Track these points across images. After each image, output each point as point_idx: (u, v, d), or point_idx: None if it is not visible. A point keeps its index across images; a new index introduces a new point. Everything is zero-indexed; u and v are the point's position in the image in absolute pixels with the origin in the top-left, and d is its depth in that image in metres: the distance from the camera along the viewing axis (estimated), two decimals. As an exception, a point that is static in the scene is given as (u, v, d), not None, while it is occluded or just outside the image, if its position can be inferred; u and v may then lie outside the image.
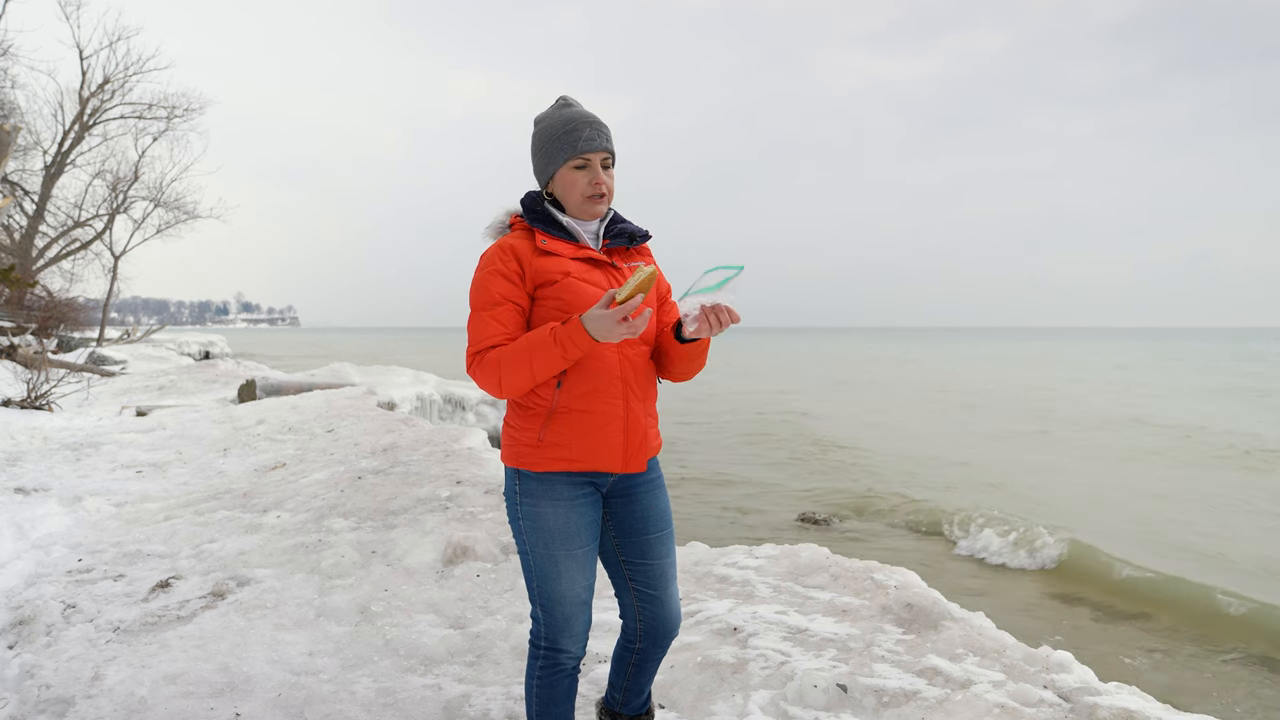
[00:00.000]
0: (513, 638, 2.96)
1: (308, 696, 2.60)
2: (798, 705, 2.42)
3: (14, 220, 23.24)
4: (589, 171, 1.86)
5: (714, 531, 8.18)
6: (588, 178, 1.86)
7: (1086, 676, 2.48)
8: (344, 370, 12.58)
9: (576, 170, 1.86)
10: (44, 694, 2.62)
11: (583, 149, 1.84)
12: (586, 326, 1.68)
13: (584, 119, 1.86)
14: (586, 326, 1.68)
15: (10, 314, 17.61)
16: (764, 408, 19.90)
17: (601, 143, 1.86)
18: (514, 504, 1.90)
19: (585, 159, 1.85)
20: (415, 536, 4.00)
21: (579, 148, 1.84)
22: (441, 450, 6.01)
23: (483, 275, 1.84)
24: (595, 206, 1.89)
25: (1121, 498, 9.93)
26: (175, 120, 25.42)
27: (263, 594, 3.45)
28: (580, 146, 1.84)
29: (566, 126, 1.86)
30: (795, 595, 3.20)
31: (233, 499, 5.15)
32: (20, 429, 7.76)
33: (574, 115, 1.88)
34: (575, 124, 1.86)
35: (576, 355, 1.72)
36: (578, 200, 1.88)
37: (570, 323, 1.70)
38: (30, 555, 4.10)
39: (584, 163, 1.85)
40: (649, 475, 1.98)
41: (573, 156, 1.85)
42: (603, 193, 1.88)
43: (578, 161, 1.85)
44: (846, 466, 11.93)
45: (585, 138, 1.84)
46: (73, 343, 23.44)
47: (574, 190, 1.87)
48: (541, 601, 1.90)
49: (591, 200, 1.88)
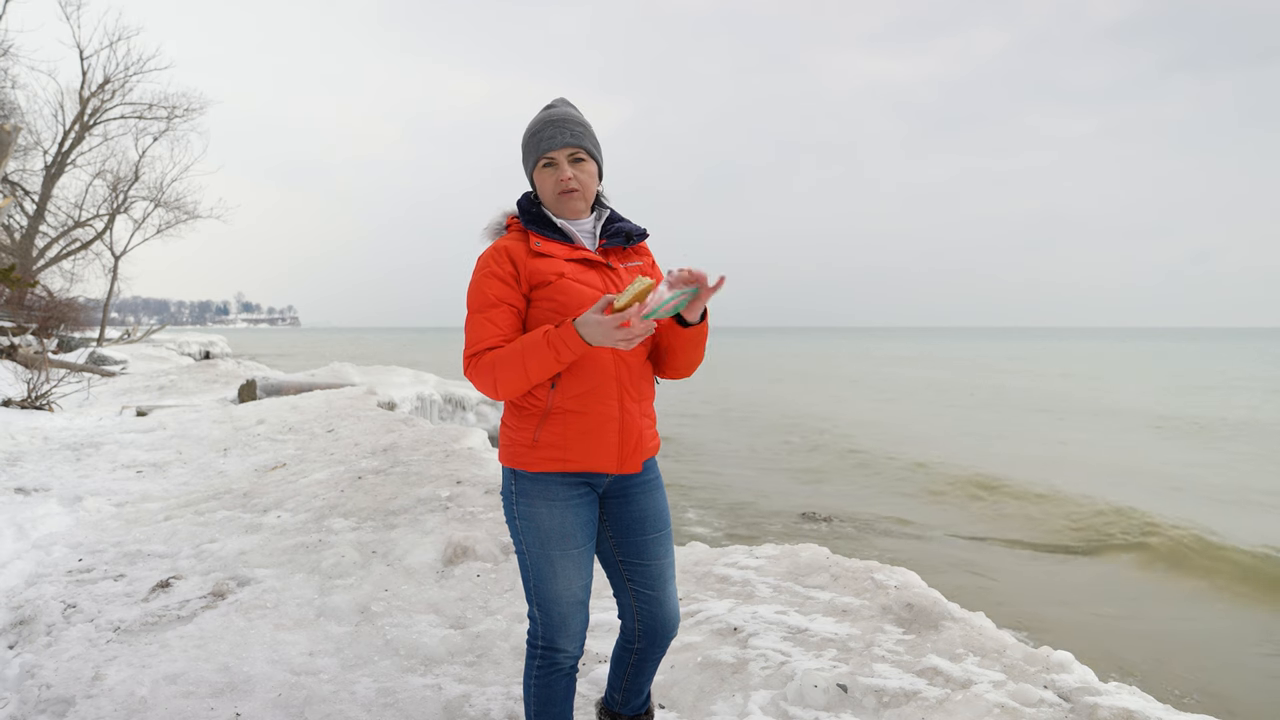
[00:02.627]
0: (513, 638, 2.96)
1: (308, 696, 2.60)
2: (798, 705, 2.42)
3: (14, 220, 23.24)
4: (555, 169, 1.89)
5: (714, 532, 8.18)
6: (554, 175, 1.89)
7: (1086, 676, 2.48)
8: (344, 370, 12.57)
9: (545, 169, 1.90)
10: (44, 694, 2.62)
11: (544, 148, 1.88)
12: (580, 330, 1.70)
13: (549, 119, 1.90)
14: (580, 330, 1.70)
15: (10, 314, 17.61)
16: (787, 408, 19.95)
17: (563, 139, 1.88)
18: (510, 504, 1.91)
19: (550, 157, 1.88)
20: (415, 536, 4.01)
21: (541, 148, 1.89)
22: (442, 450, 6.01)
23: (479, 278, 1.85)
24: (568, 202, 1.90)
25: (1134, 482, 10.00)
26: (175, 120, 25.40)
27: (263, 594, 3.45)
28: (542, 146, 1.89)
29: (534, 129, 1.91)
30: (795, 595, 3.20)
31: (233, 499, 5.15)
32: (20, 429, 7.76)
33: (542, 117, 1.92)
34: (540, 125, 1.91)
35: (570, 359, 1.73)
36: (551, 199, 1.91)
37: (563, 326, 1.72)
38: (31, 555, 4.11)
39: (550, 161, 1.89)
40: (646, 476, 1.99)
41: (540, 156, 1.89)
42: (571, 188, 1.89)
43: (544, 160, 1.89)
44: (848, 466, 11.93)
45: (546, 137, 1.89)
46: (73, 343, 23.44)
47: (545, 189, 1.91)
48: (538, 601, 1.90)
49: (564, 196, 1.90)
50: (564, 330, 1.71)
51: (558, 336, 1.71)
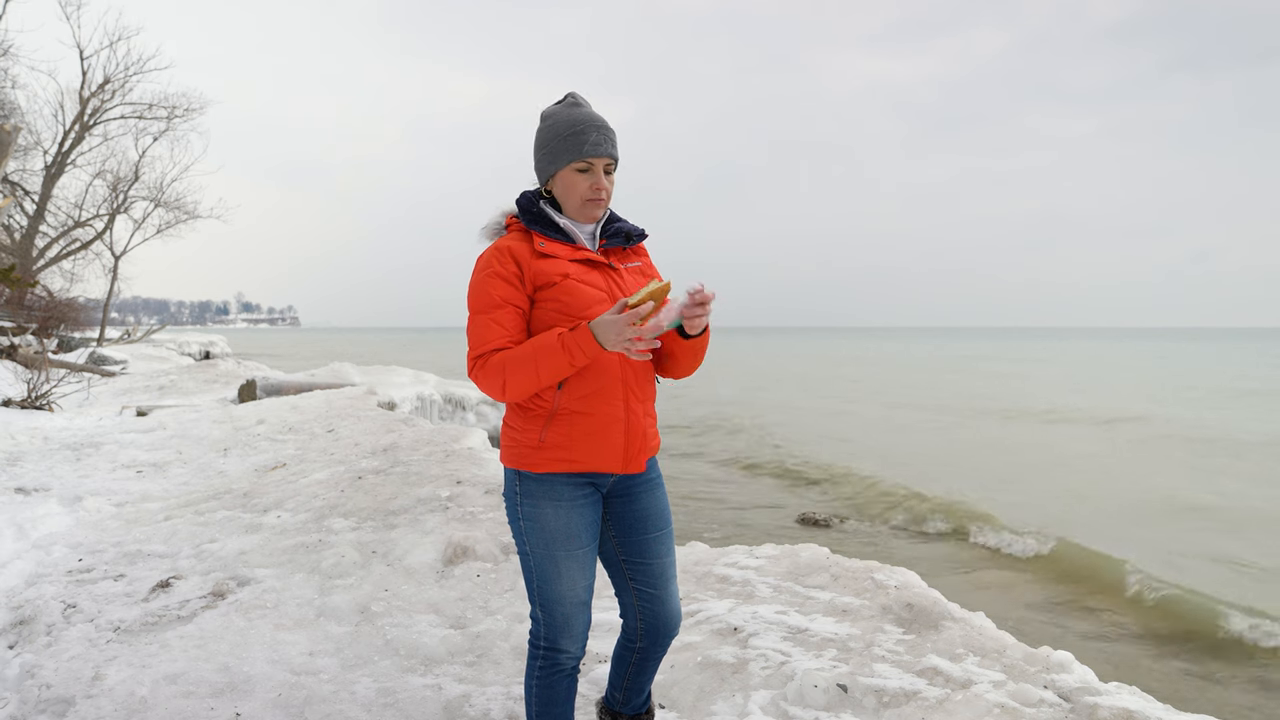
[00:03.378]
0: (513, 638, 2.96)
1: (308, 696, 2.60)
2: (798, 705, 2.42)
3: (14, 220, 23.23)
4: (591, 176, 1.84)
5: (714, 531, 8.18)
6: (589, 181, 1.84)
7: (1087, 676, 2.48)
8: (344, 370, 12.56)
9: (579, 173, 1.84)
10: (44, 694, 2.62)
11: (588, 153, 1.82)
12: (595, 334, 1.68)
13: (592, 122, 1.84)
14: (595, 334, 1.68)
15: (10, 314, 17.60)
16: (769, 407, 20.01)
17: (607, 148, 1.84)
18: (514, 505, 1.90)
19: (589, 163, 1.83)
20: (415, 536, 4.00)
21: (584, 152, 1.82)
22: (442, 450, 6.00)
23: (481, 278, 1.83)
24: (593, 210, 1.88)
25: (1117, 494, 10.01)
26: (175, 120, 25.39)
27: (263, 594, 3.45)
28: (586, 150, 1.82)
29: (574, 128, 1.83)
30: (795, 595, 3.20)
31: (233, 499, 5.15)
32: (21, 429, 7.76)
33: (582, 117, 1.85)
34: (583, 126, 1.83)
35: (584, 362, 1.72)
36: (576, 203, 1.87)
37: (579, 330, 1.70)
38: (31, 555, 4.11)
39: (587, 166, 1.83)
40: (648, 475, 1.98)
41: (577, 159, 1.83)
42: (602, 198, 1.87)
43: (581, 165, 1.83)
44: (845, 472, 11.94)
45: (592, 142, 1.82)
46: (73, 343, 23.43)
47: (574, 193, 1.86)
48: (541, 602, 1.90)
49: (590, 204, 1.87)
50: (579, 334, 1.69)
51: (573, 340, 1.69)
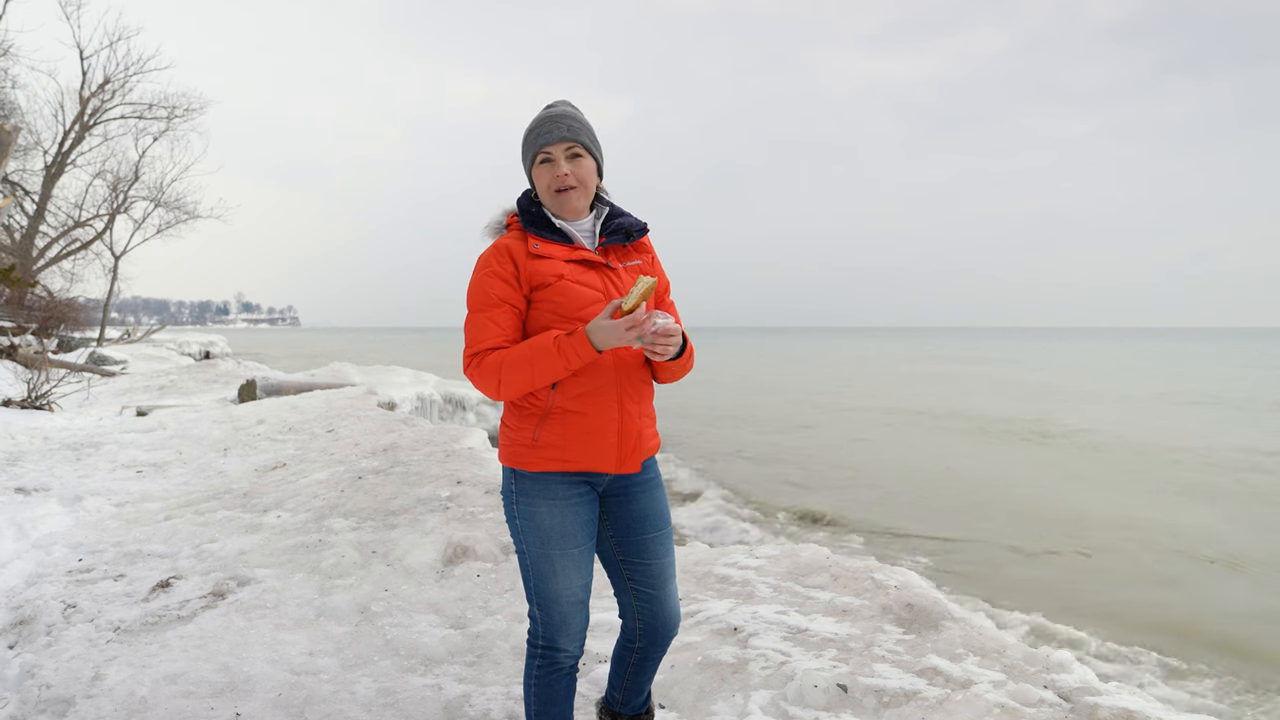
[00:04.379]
0: (513, 638, 2.96)
1: (308, 696, 2.60)
2: (798, 705, 2.42)
3: (14, 220, 23.23)
4: (552, 165, 1.88)
5: (713, 531, 8.18)
6: (552, 171, 1.88)
7: (1086, 676, 2.48)
8: (344, 370, 12.56)
9: (542, 165, 1.89)
10: (44, 694, 2.62)
11: (542, 143, 1.87)
12: (591, 337, 1.70)
13: (546, 116, 1.90)
14: (591, 337, 1.70)
15: (10, 314, 17.60)
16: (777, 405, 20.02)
17: (560, 133, 1.87)
18: (510, 503, 1.91)
19: (547, 152, 1.88)
20: (415, 536, 4.00)
21: (539, 142, 1.88)
22: (442, 450, 6.00)
23: (479, 277, 1.85)
24: (565, 200, 1.89)
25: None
26: (175, 120, 25.37)
27: (263, 594, 3.45)
28: (539, 141, 1.88)
29: (534, 126, 1.90)
30: (795, 595, 3.20)
31: (233, 499, 5.15)
32: (21, 429, 7.76)
33: (543, 115, 1.91)
34: (537, 122, 1.90)
35: (579, 365, 1.74)
36: (547, 195, 1.90)
37: (575, 334, 1.72)
38: (31, 555, 4.11)
39: (547, 156, 1.88)
40: (646, 475, 1.99)
41: (537, 152, 1.88)
42: (568, 185, 1.88)
43: (542, 156, 1.88)
44: (846, 468, 11.93)
45: (543, 132, 1.88)
46: (73, 343, 23.43)
47: (542, 185, 1.90)
48: (538, 601, 1.90)
49: (560, 195, 1.88)
50: (576, 339, 1.72)
51: (569, 345, 1.72)
